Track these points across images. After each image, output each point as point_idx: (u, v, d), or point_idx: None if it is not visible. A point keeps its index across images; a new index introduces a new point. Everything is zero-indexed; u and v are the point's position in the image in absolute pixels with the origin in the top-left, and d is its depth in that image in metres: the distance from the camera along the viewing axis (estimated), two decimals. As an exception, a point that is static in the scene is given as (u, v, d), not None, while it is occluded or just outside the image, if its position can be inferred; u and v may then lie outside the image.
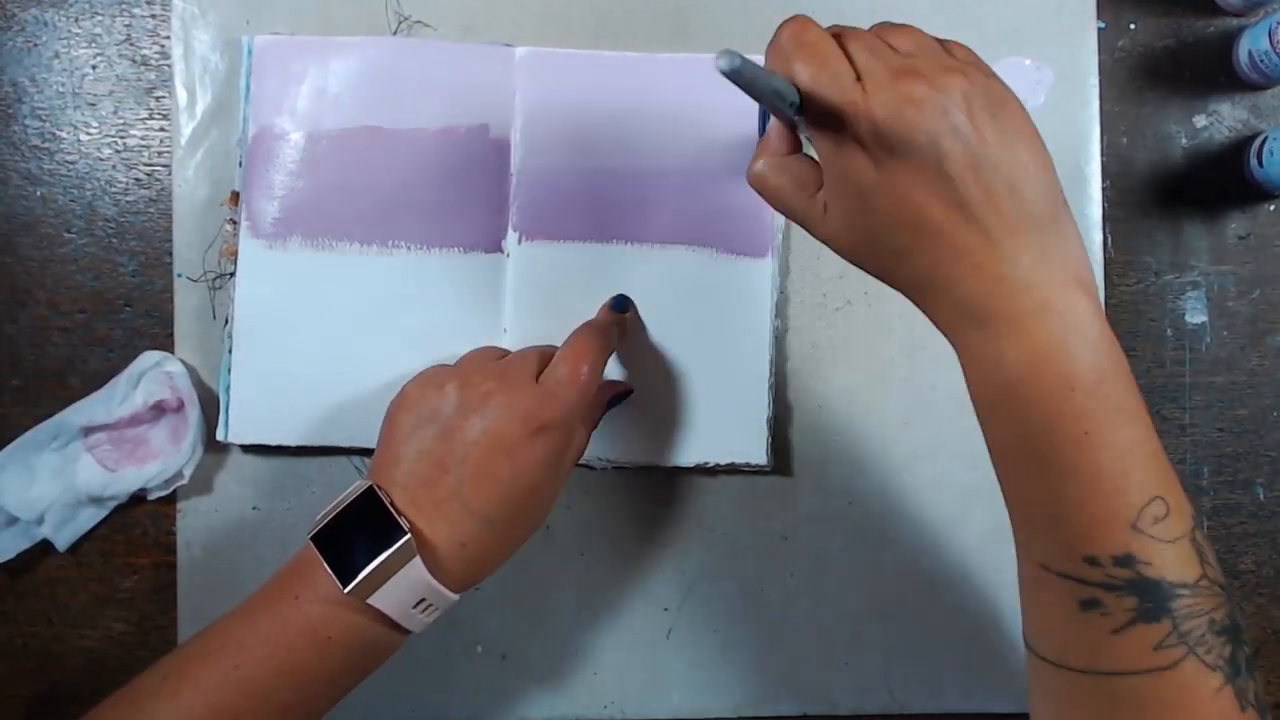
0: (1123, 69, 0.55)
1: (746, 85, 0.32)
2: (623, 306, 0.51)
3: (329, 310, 0.52)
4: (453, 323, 0.52)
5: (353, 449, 0.52)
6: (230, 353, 0.52)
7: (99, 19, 0.54)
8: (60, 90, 0.54)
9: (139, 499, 0.52)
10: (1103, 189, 0.54)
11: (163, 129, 0.54)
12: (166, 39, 0.54)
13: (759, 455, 0.52)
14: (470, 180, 0.52)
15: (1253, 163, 0.53)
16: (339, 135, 0.52)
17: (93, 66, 0.54)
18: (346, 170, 0.52)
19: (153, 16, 0.54)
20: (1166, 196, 0.54)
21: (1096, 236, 0.54)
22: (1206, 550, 0.33)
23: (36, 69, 0.54)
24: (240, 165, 0.52)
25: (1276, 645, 0.54)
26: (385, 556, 0.39)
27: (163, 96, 0.54)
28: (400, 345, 0.52)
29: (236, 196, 0.52)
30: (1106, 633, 0.32)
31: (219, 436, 0.51)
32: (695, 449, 0.52)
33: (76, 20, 0.54)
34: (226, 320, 0.52)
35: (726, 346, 0.52)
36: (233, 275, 0.52)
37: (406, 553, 0.39)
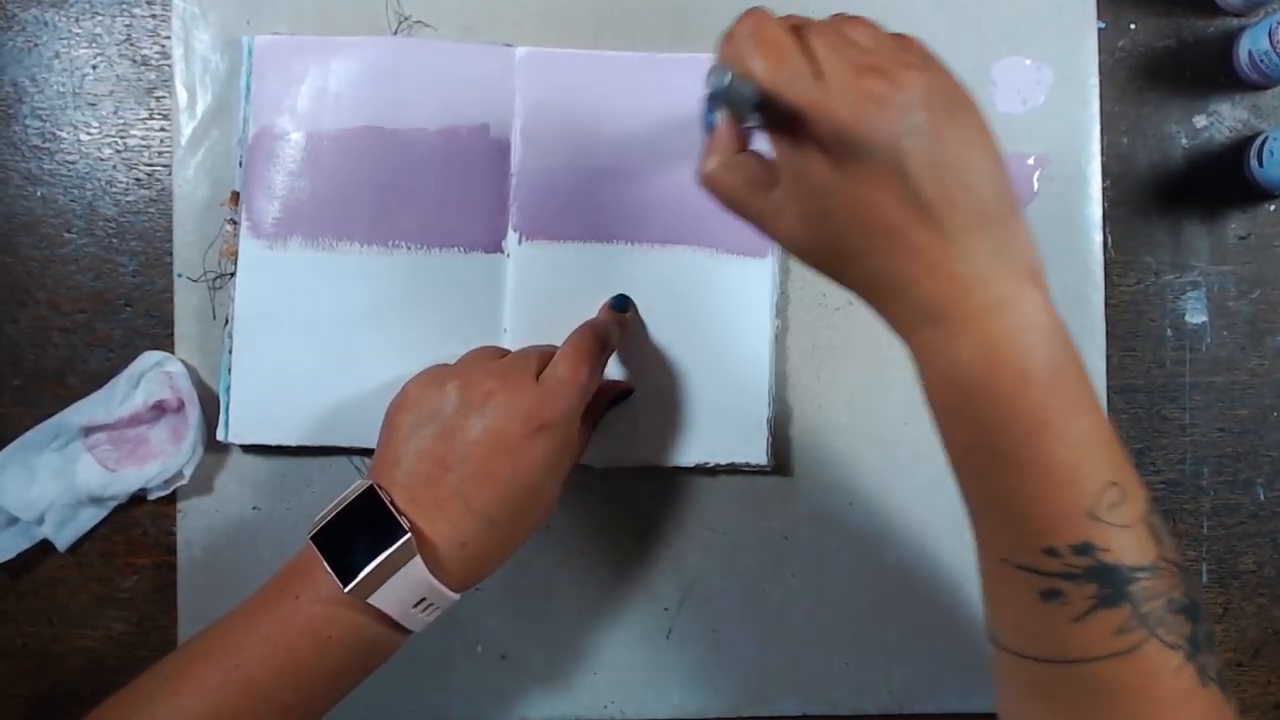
0: (1123, 69, 0.55)
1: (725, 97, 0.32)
2: (623, 306, 0.51)
3: (329, 310, 0.52)
4: (453, 323, 0.52)
5: (353, 449, 0.52)
6: (230, 353, 0.52)
7: (99, 19, 0.54)
8: (60, 90, 0.54)
9: (139, 499, 0.52)
10: (1103, 189, 0.54)
11: (163, 129, 0.54)
12: (167, 39, 0.54)
13: (759, 455, 0.52)
14: (470, 180, 0.52)
15: (1253, 163, 0.53)
16: (339, 135, 0.52)
17: (93, 66, 0.54)
18: (347, 170, 0.52)
19: (153, 16, 0.54)
20: (1166, 196, 0.54)
21: (1096, 236, 0.54)
22: (1161, 530, 0.33)
23: (36, 69, 0.54)
24: (240, 165, 0.52)
25: (1276, 645, 0.54)
26: (385, 556, 0.38)
27: (163, 96, 0.54)
28: (400, 345, 0.52)
29: (236, 196, 0.52)
30: (1068, 621, 0.33)
31: (219, 436, 0.51)
32: (695, 449, 0.52)
33: (76, 20, 0.54)
34: (226, 320, 0.52)
35: (726, 346, 0.52)
36: (233, 275, 0.52)
37: (407, 552, 0.39)
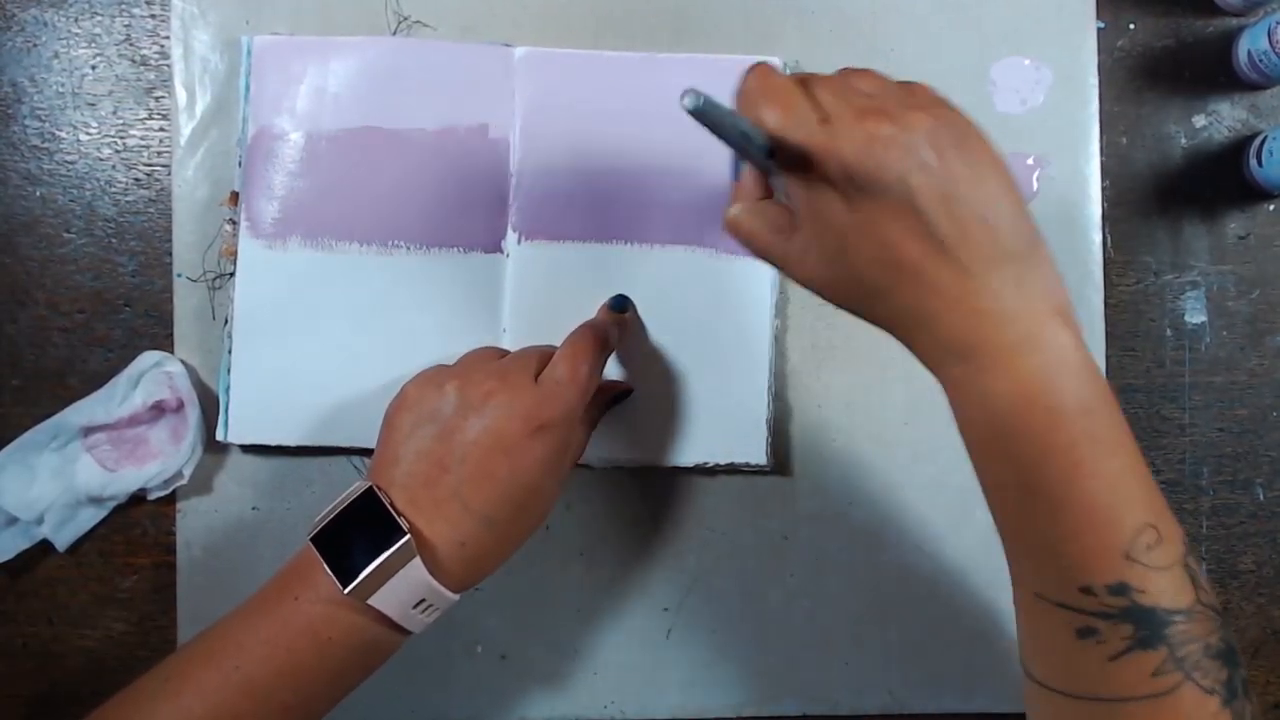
0: (1122, 69, 0.55)
1: (713, 125, 0.32)
2: (622, 306, 0.51)
3: (329, 310, 0.52)
4: (453, 323, 0.52)
5: (353, 449, 0.52)
6: (230, 353, 0.52)
7: (99, 19, 0.54)
8: (60, 90, 0.54)
9: (139, 499, 0.52)
10: (1103, 189, 0.54)
11: (162, 129, 0.54)
12: (166, 39, 0.54)
13: (759, 455, 0.52)
14: (470, 180, 0.52)
15: (1252, 163, 0.53)
16: (339, 135, 0.52)
17: (92, 66, 0.54)
18: (346, 170, 0.52)
19: (152, 16, 0.54)
20: (1166, 196, 0.54)
21: (1096, 237, 0.54)
22: (1199, 574, 0.33)
23: (36, 69, 0.54)
24: (240, 165, 0.52)
25: (1276, 645, 0.54)
26: (385, 557, 0.38)
27: (162, 96, 0.54)
28: (400, 345, 0.52)
29: (236, 196, 0.52)
30: (1103, 660, 0.33)
31: (219, 436, 0.51)
32: (695, 449, 0.52)
33: (76, 20, 0.54)
34: (226, 320, 0.52)
35: (726, 346, 0.52)
36: (232, 275, 0.52)
37: (406, 553, 0.39)
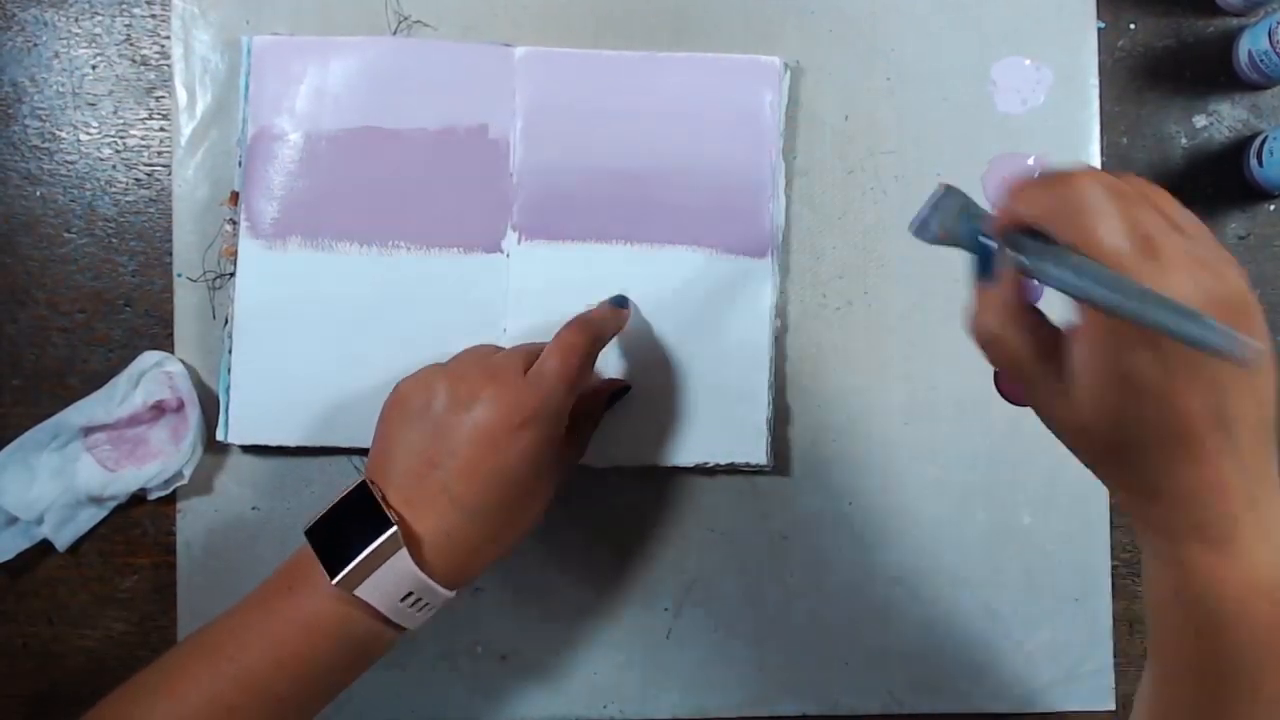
0: (1123, 69, 0.55)
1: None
2: (623, 303, 0.51)
3: (329, 310, 0.52)
4: (453, 323, 0.52)
5: (353, 449, 0.52)
6: (230, 353, 0.52)
7: (99, 19, 0.54)
8: (60, 90, 0.54)
9: (139, 499, 0.52)
10: (1103, 189, 0.54)
11: (163, 129, 0.54)
12: (166, 39, 0.54)
13: (759, 455, 0.52)
14: (470, 180, 0.52)
15: (1252, 163, 0.53)
16: (339, 135, 0.52)
17: (93, 66, 0.54)
18: (346, 170, 0.52)
19: (153, 16, 0.54)
20: (1166, 196, 0.54)
21: (1096, 236, 0.54)
22: None
23: (36, 69, 0.54)
24: (240, 165, 0.52)
25: (1276, 645, 0.54)
26: (372, 548, 0.39)
27: (163, 96, 0.54)
28: (400, 345, 0.52)
29: (236, 196, 0.52)
30: None
31: (219, 436, 0.51)
32: (695, 449, 0.52)
33: (76, 20, 0.54)
34: (226, 320, 0.52)
35: (726, 346, 0.52)
36: (232, 275, 0.52)
37: (393, 544, 0.39)
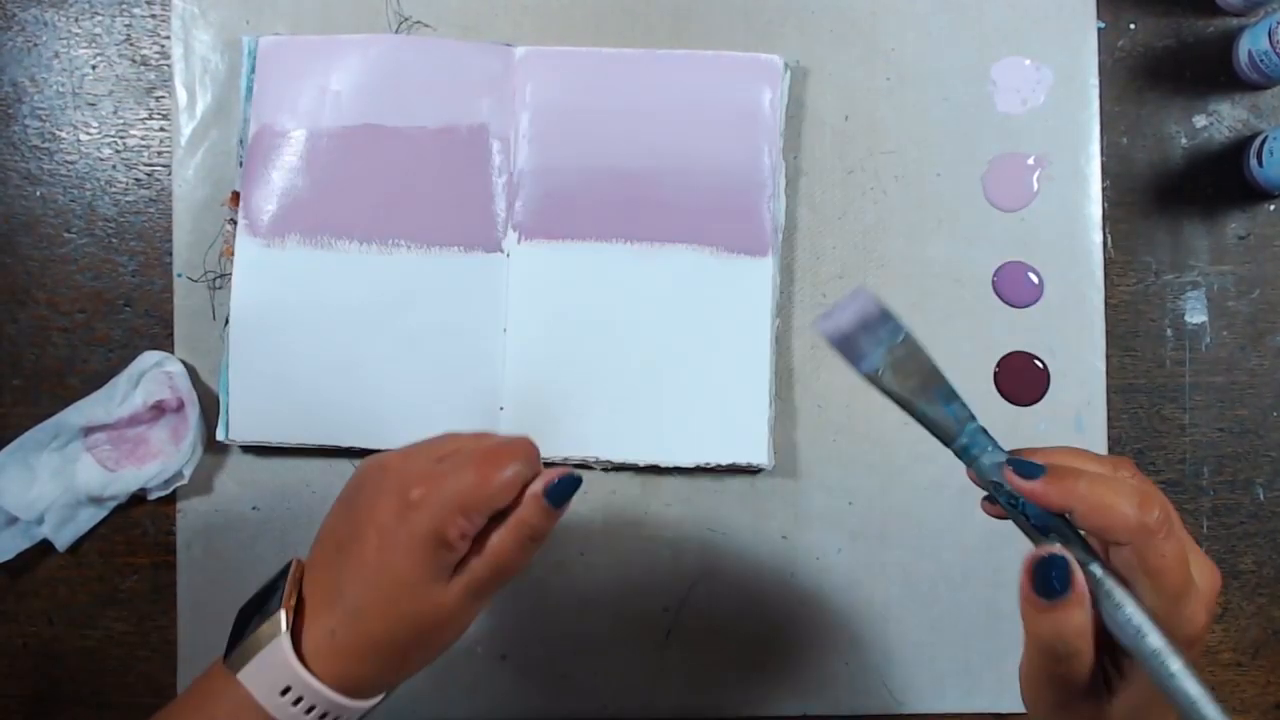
0: (1123, 69, 0.55)
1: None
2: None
3: (328, 309, 0.52)
4: (453, 323, 0.52)
5: (352, 449, 0.52)
6: (230, 352, 0.52)
7: (99, 19, 0.54)
8: (60, 90, 0.54)
9: (139, 499, 0.52)
10: (1103, 189, 0.54)
11: (163, 129, 0.54)
12: (166, 39, 0.54)
13: (759, 455, 0.52)
14: (470, 179, 0.52)
15: (1252, 163, 0.53)
16: (339, 133, 0.52)
17: (93, 66, 0.54)
18: (346, 168, 0.52)
19: (153, 16, 0.54)
20: (1166, 196, 0.54)
21: (1096, 237, 0.54)
22: None
23: (36, 69, 0.54)
24: (240, 165, 0.52)
25: (1277, 645, 0.54)
26: (258, 629, 0.37)
27: (163, 96, 0.54)
28: (400, 345, 0.52)
29: (237, 196, 0.52)
30: None
31: (219, 436, 0.51)
32: (695, 449, 0.52)
33: (76, 20, 0.54)
34: (226, 320, 0.52)
35: (726, 346, 0.52)
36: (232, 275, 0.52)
37: (273, 627, 0.37)
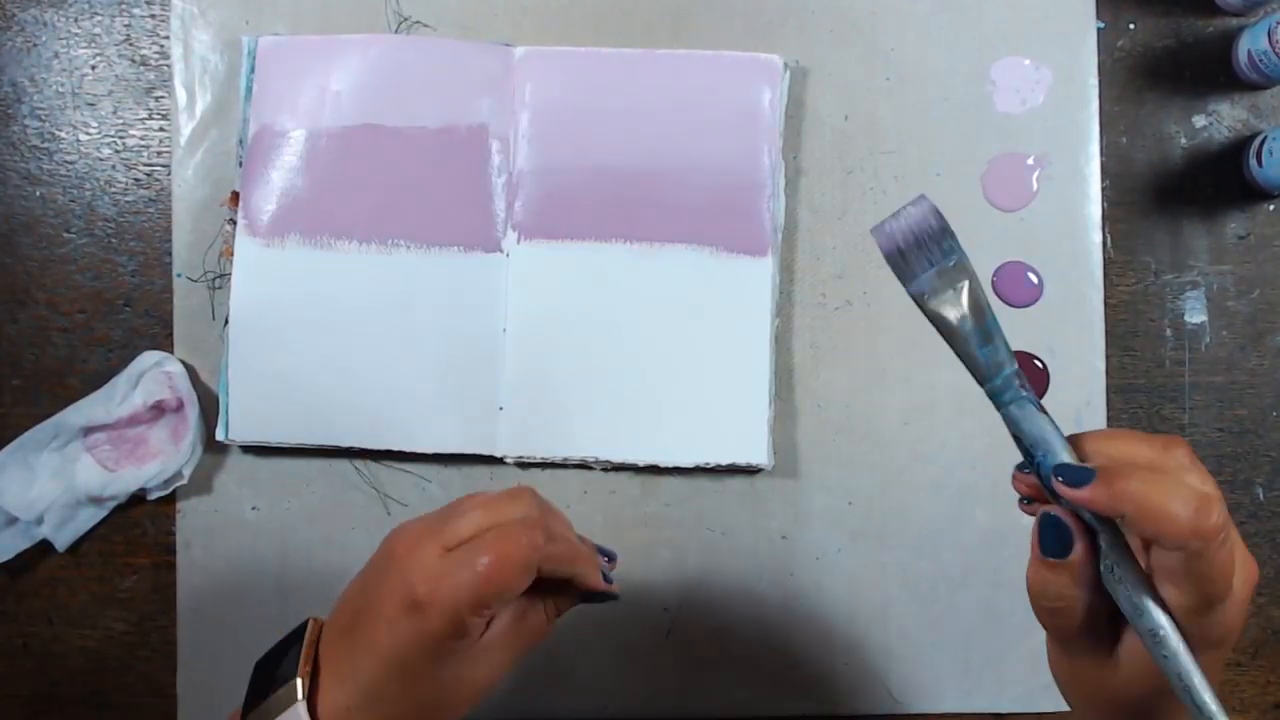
0: (1122, 69, 0.55)
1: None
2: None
3: (328, 309, 0.52)
4: (452, 322, 0.52)
5: (352, 449, 0.52)
6: (229, 352, 0.52)
7: (99, 19, 0.54)
8: (60, 90, 0.54)
9: (139, 499, 0.52)
10: (1103, 189, 0.54)
11: (162, 129, 0.54)
12: (166, 39, 0.54)
13: (759, 455, 0.52)
14: (470, 179, 0.52)
15: (1252, 163, 0.53)
16: (339, 133, 0.52)
17: (92, 66, 0.54)
18: (346, 168, 0.52)
19: (152, 16, 0.54)
20: (1166, 196, 0.54)
21: (1096, 237, 0.54)
22: None
23: (36, 69, 0.54)
24: (240, 165, 0.52)
25: (1277, 645, 0.54)
26: (276, 693, 0.35)
27: (162, 96, 0.54)
28: (400, 345, 0.52)
29: (236, 197, 0.52)
30: None
31: (219, 436, 0.51)
32: (695, 449, 0.52)
33: (76, 20, 0.54)
34: (226, 320, 0.52)
35: (726, 346, 0.52)
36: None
37: (290, 694, 0.35)
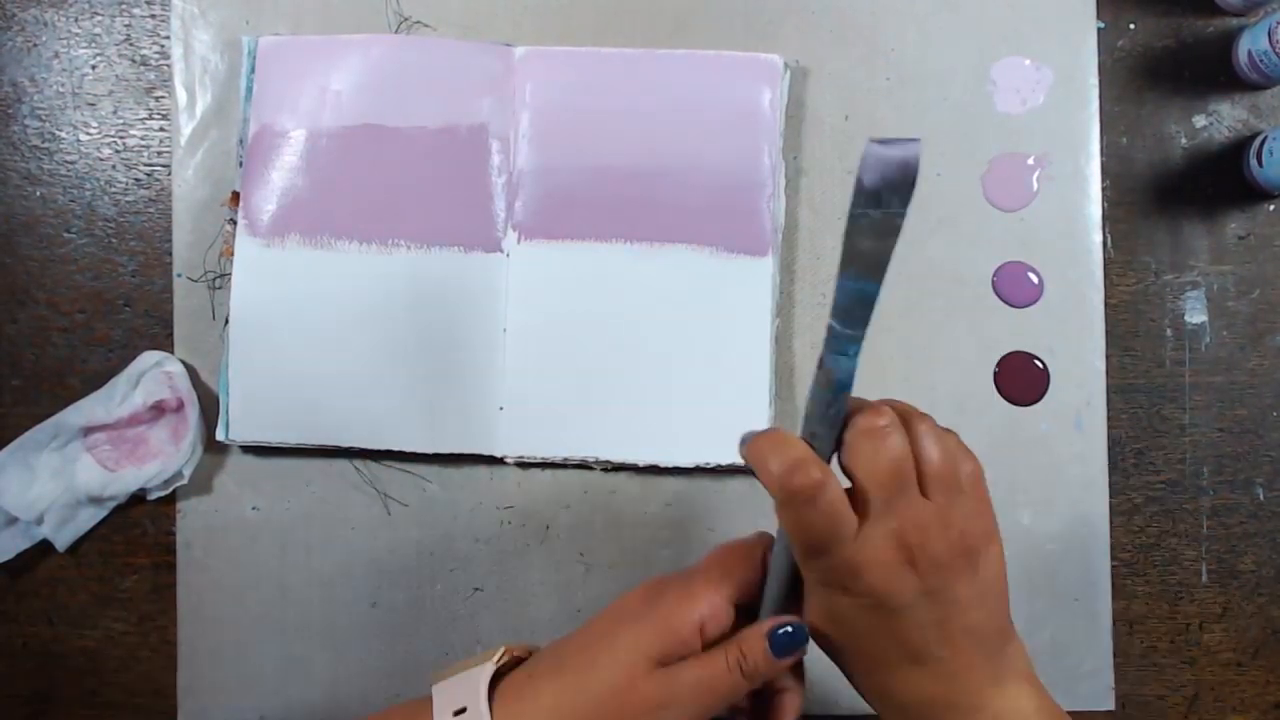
0: (1123, 69, 0.55)
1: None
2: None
3: (328, 309, 0.52)
4: (452, 322, 0.52)
5: (352, 449, 0.52)
6: (229, 352, 0.52)
7: (99, 19, 0.54)
8: (60, 90, 0.54)
9: (139, 499, 0.52)
10: (1103, 189, 0.54)
11: (162, 129, 0.54)
12: (166, 39, 0.54)
13: (759, 455, 0.52)
14: (470, 179, 0.52)
15: (1252, 163, 0.53)
16: (339, 133, 0.52)
17: (92, 66, 0.54)
18: (346, 168, 0.52)
19: (152, 16, 0.54)
20: (1166, 196, 0.54)
21: (1096, 237, 0.54)
22: None
23: (36, 69, 0.54)
24: (240, 165, 0.52)
25: (1276, 645, 0.54)
26: (474, 656, 0.38)
27: (162, 96, 0.54)
28: (400, 345, 0.52)
29: (237, 197, 0.52)
30: None
31: (219, 436, 0.51)
32: (695, 449, 0.52)
33: (76, 20, 0.54)
34: (226, 320, 0.52)
35: (726, 346, 0.52)
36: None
37: (486, 657, 0.38)
